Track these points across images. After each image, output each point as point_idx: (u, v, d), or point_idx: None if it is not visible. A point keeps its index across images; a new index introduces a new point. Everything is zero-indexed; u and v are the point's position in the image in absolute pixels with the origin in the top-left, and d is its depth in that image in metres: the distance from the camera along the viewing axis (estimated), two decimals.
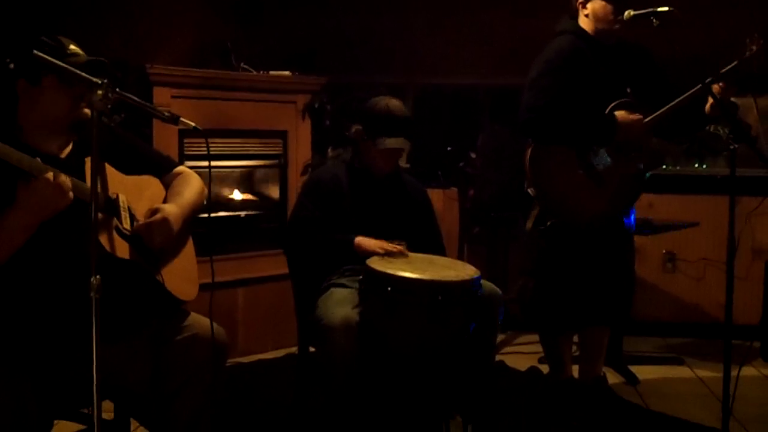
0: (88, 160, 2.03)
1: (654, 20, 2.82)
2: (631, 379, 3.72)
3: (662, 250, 4.48)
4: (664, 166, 4.49)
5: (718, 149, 4.28)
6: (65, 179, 1.93)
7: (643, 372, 3.79)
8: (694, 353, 4.14)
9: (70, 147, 2.18)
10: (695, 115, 3.00)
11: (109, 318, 1.81)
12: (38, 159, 1.93)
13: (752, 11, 4.23)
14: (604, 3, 2.99)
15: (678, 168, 4.53)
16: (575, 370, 3.34)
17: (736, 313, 2.68)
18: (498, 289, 2.81)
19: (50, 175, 1.90)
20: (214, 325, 2.18)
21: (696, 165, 4.52)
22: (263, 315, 4.15)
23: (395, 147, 2.90)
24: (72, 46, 2.12)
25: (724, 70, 2.81)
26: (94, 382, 1.74)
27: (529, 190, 3.07)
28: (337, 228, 2.86)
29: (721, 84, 2.80)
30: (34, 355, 2.01)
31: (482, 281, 2.67)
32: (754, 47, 2.79)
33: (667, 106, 2.97)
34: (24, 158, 1.89)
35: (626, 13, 2.95)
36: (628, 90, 3.05)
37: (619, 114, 2.99)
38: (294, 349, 3.25)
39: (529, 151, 3.04)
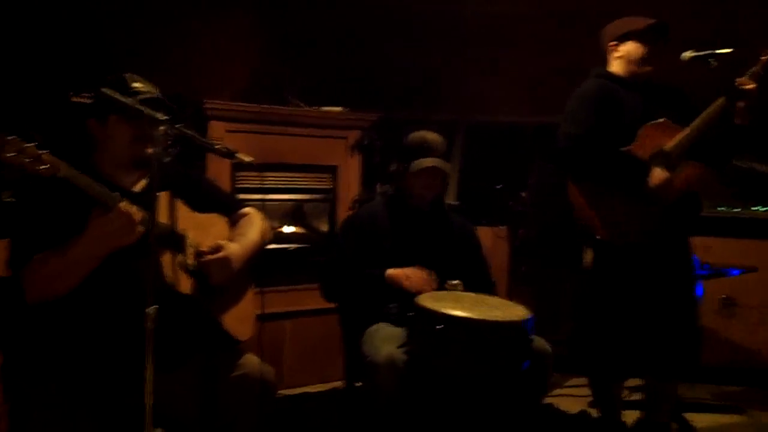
0: (161, 195, 2.08)
1: (712, 62, 2.80)
2: (687, 428, 3.59)
3: (720, 295, 4.36)
4: (720, 208, 4.38)
5: None
6: (135, 211, 1.97)
7: (699, 420, 3.66)
8: (752, 400, 4.00)
9: (144, 182, 2.24)
10: (729, 132, 2.92)
11: (164, 349, 1.83)
12: (118, 194, 1.97)
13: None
14: (638, 44, 3.01)
15: (736, 211, 4.41)
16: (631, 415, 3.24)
17: None
18: (548, 347, 2.74)
19: (123, 206, 1.94)
20: (264, 365, 2.21)
21: (755, 208, 4.39)
22: (310, 348, 4.15)
23: (430, 165, 2.89)
24: (135, 84, 2.17)
25: (743, 76, 2.81)
26: (147, 410, 1.76)
27: (578, 223, 3.03)
28: (376, 266, 2.86)
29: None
30: (90, 381, 2.04)
31: (535, 337, 2.63)
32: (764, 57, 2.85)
33: (694, 123, 2.91)
34: (99, 188, 1.94)
35: (684, 54, 2.93)
36: (661, 120, 3.01)
37: (656, 171, 2.92)
38: (340, 384, 3.23)
39: (570, 184, 3.02)
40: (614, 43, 3.08)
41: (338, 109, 4.31)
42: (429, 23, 4.80)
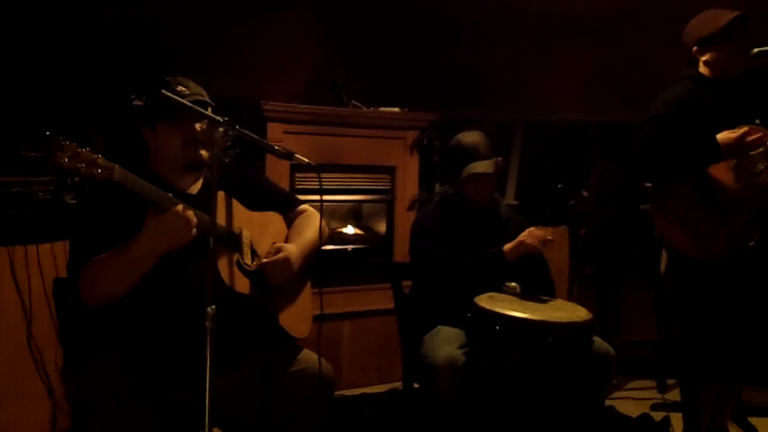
0: (217, 195, 2.10)
1: None
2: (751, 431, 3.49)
3: None
4: None
5: None
6: (191, 215, 1.98)
7: (764, 424, 3.53)
8: None
9: (200, 183, 2.27)
10: None
11: (222, 347, 1.86)
12: (170, 194, 2.00)
13: None
14: (721, 46, 2.86)
15: None
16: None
17: None
18: (611, 349, 2.69)
19: (179, 208, 1.96)
20: (322, 361, 2.20)
21: None
22: (368, 348, 4.16)
23: (475, 173, 2.87)
24: (180, 87, 2.16)
25: None
26: (206, 409, 1.78)
27: (656, 233, 2.96)
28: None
29: None
30: (149, 381, 2.07)
31: (596, 339, 2.59)
32: None
33: None
34: (154, 191, 1.96)
35: (752, 50, 2.83)
36: (757, 121, 2.88)
37: (720, 135, 2.79)
38: (398, 385, 3.23)
39: (652, 207, 2.93)
40: (696, 49, 2.93)
41: (396, 109, 4.32)
42: (486, 22, 4.76)
